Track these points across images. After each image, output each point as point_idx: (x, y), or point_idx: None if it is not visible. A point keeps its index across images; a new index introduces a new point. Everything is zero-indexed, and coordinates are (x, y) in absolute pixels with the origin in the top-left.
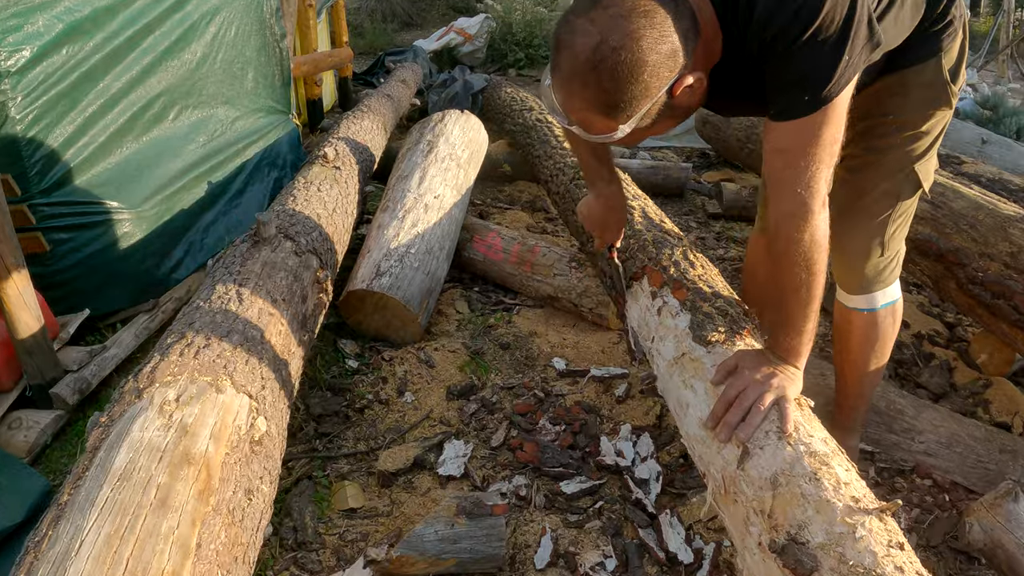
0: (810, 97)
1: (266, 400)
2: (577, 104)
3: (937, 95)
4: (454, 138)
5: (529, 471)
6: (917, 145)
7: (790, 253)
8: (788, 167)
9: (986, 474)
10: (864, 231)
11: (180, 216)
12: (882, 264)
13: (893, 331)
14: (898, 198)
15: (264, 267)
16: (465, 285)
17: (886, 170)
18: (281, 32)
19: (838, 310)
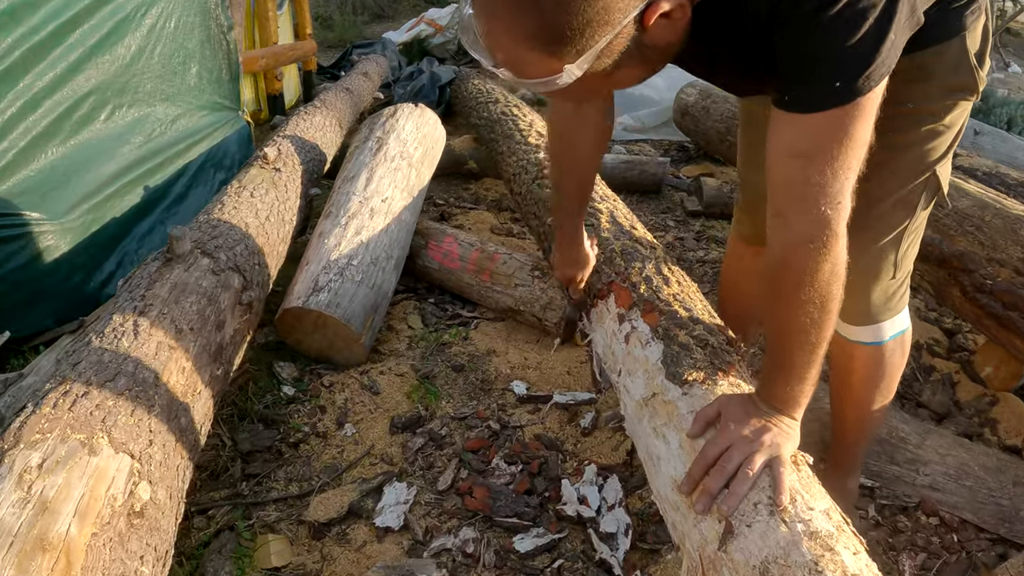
0: (844, 84)
1: (153, 459)
2: (505, 35)
3: (962, 81)
4: (406, 135)
5: (479, 521)
6: (939, 142)
7: (802, 287)
8: (810, 178)
9: (999, 510)
10: (875, 249)
11: (112, 225)
12: (892, 288)
13: (901, 364)
14: (915, 207)
15: (173, 290)
16: (420, 296)
17: (903, 173)
18: (228, 23)
19: (837, 343)
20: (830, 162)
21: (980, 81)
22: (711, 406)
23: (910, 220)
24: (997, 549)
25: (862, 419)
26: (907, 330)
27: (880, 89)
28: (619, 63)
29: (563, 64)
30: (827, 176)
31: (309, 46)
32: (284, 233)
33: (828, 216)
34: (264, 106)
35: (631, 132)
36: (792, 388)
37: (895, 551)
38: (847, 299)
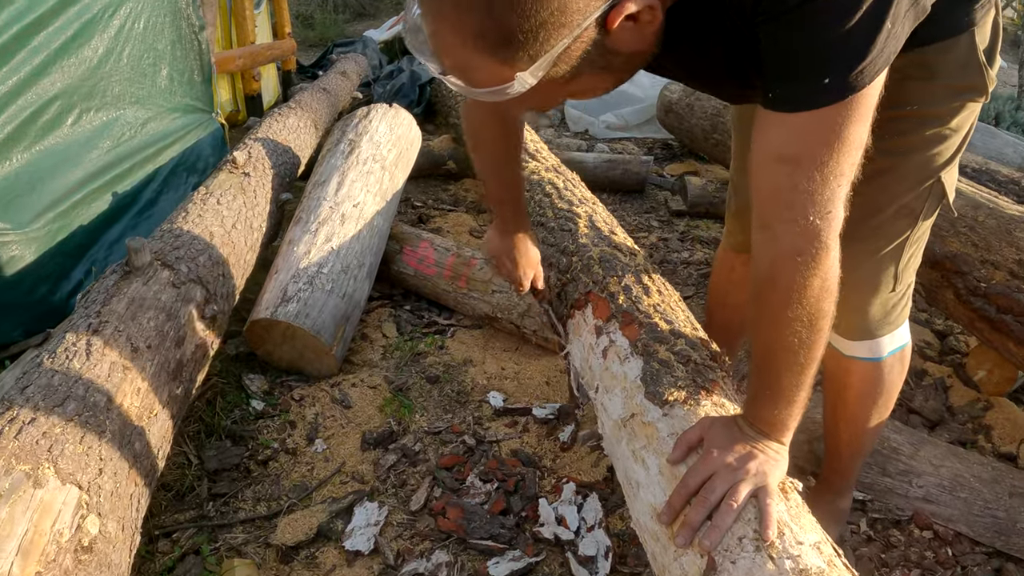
0: (834, 80)
1: (103, 490)
2: (451, 38)
3: (970, 81)
4: (379, 136)
5: (453, 543)
6: (944, 147)
7: (790, 304)
8: (797, 184)
9: (995, 523)
10: (874, 260)
11: (79, 233)
12: (892, 301)
13: (900, 380)
14: (919, 217)
15: (130, 305)
16: (395, 303)
17: (907, 180)
18: (200, 23)
19: (832, 357)
20: (820, 167)
21: (990, 81)
22: (693, 430)
23: (912, 230)
24: (993, 563)
25: (857, 437)
26: (907, 345)
27: (876, 86)
28: (579, 70)
29: (515, 71)
30: (816, 182)
31: (288, 45)
32: (252, 241)
33: (817, 227)
34: (242, 107)
35: (614, 130)
36: (779, 411)
37: (888, 567)
38: (844, 313)
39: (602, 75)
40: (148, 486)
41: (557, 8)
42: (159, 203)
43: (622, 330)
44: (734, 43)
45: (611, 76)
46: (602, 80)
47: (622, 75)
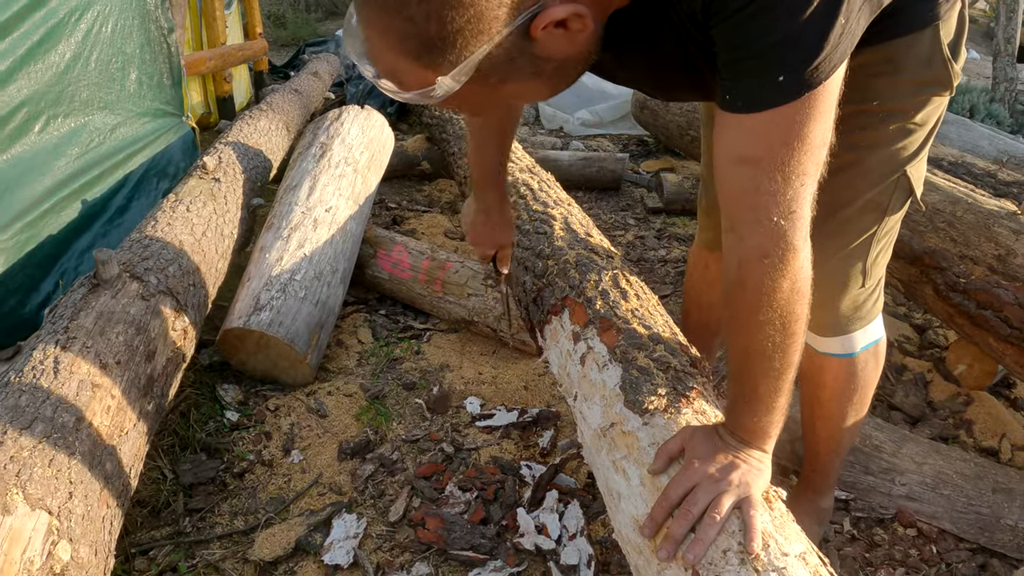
0: (788, 78)
1: (74, 514)
2: (379, 43)
3: (935, 75)
4: (351, 139)
5: (433, 554)
6: (909, 141)
7: (760, 307)
8: (759, 186)
9: (978, 519)
10: (841, 256)
11: (49, 243)
12: (863, 296)
13: (875, 376)
14: (886, 211)
15: (98, 320)
16: (370, 308)
17: (871, 174)
18: (169, 25)
19: (806, 356)
20: (781, 167)
21: (955, 75)
22: (674, 440)
23: (879, 225)
24: (977, 559)
25: (835, 435)
26: (881, 340)
27: (835, 82)
28: (506, 77)
29: (436, 75)
30: (778, 183)
31: (259, 46)
32: (224, 248)
33: (783, 228)
34: (214, 109)
35: (589, 127)
36: (759, 419)
37: (872, 566)
38: (814, 309)
39: (535, 80)
40: (121, 507)
41: (474, 16)
42: (130, 210)
43: (600, 336)
44: (689, 48)
45: (546, 81)
46: (537, 85)
47: (558, 81)
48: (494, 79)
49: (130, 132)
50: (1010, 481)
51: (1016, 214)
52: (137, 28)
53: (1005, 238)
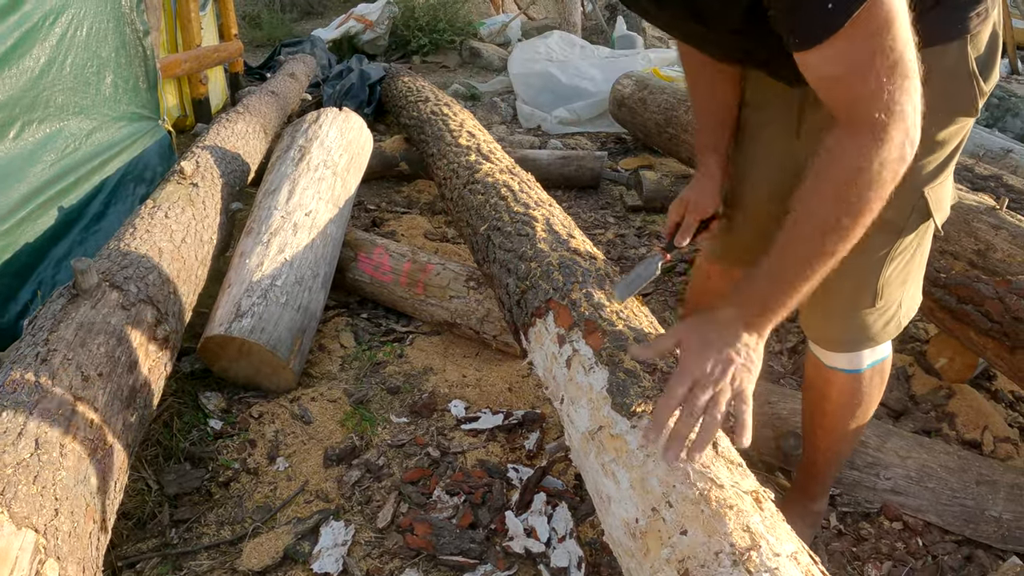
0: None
1: (60, 531)
2: None
3: (960, 92)
4: (330, 141)
5: (423, 560)
6: (928, 161)
7: (842, 182)
8: (851, 94)
9: (963, 511)
10: (850, 274)
11: (25, 251)
12: (872, 318)
13: (879, 393)
14: (900, 232)
15: (79, 332)
16: (352, 311)
17: None
18: (144, 28)
19: (812, 364)
20: (871, 77)
21: (981, 95)
22: (668, 337)
23: (893, 246)
24: (963, 551)
25: (834, 446)
26: (888, 357)
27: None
28: None
29: None
30: (871, 88)
31: (235, 47)
32: (203, 255)
33: (883, 121)
34: (190, 112)
35: (567, 125)
36: (776, 296)
37: (860, 561)
38: (823, 323)
39: None
40: (107, 521)
41: None
42: (107, 216)
43: (585, 339)
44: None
45: None
46: None
47: None
48: None
49: (106, 137)
50: (993, 473)
51: (995, 209)
52: (112, 31)
53: (985, 233)
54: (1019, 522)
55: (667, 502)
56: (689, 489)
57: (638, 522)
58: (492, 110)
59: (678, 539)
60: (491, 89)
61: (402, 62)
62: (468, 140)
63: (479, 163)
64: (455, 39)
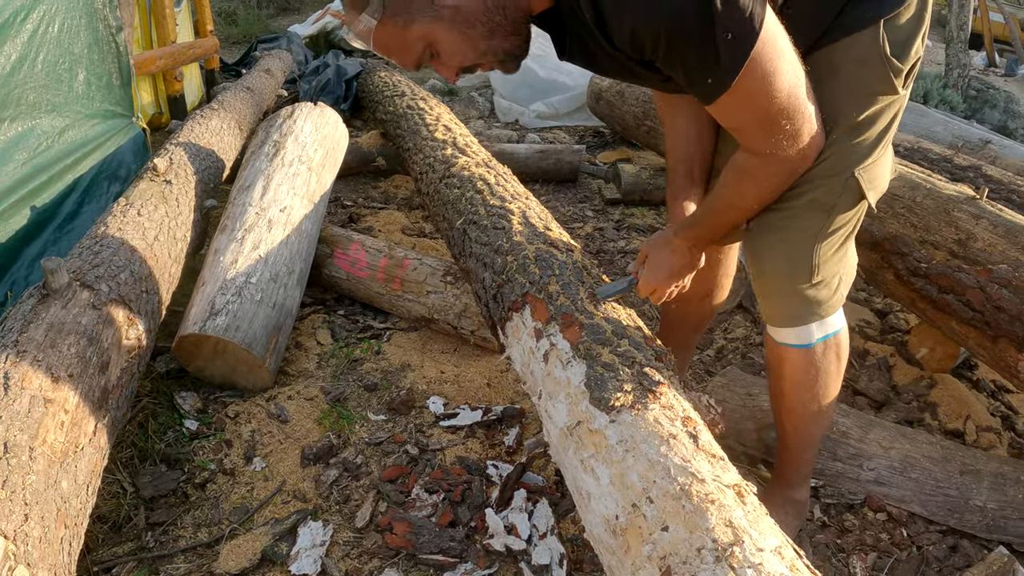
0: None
1: (30, 538)
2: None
3: (874, 75)
4: (305, 137)
5: (402, 559)
6: (856, 142)
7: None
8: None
9: (947, 501)
10: (786, 250)
11: None
12: (813, 292)
13: (838, 367)
14: (831, 211)
15: (49, 332)
16: (329, 308)
17: (815, 176)
18: (117, 24)
19: (768, 344)
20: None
21: (897, 75)
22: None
23: (825, 224)
24: (948, 541)
25: (800, 427)
26: (840, 332)
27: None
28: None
29: (359, 13)
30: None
31: (210, 43)
32: (176, 252)
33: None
34: (165, 109)
35: (544, 119)
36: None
37: (845, 552)
38: (767, 300)
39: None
40: (79, 526)
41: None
42: (80, 215)
43: (563, 332)
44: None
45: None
46: (444, 32)
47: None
48: (400, 19)
49: (79, 135)
50: (976, 462)
51: (975, 199)
52: (85, 27)
53: (965, 223)
54: (1003, 511)
55: (647, 498)
56: (670, 484)
57: (618, 519)
58: (470, 105)
59: (659, 535)
60: (468, 84)
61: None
62: (444, 134)
63: (455, 157)
64: None
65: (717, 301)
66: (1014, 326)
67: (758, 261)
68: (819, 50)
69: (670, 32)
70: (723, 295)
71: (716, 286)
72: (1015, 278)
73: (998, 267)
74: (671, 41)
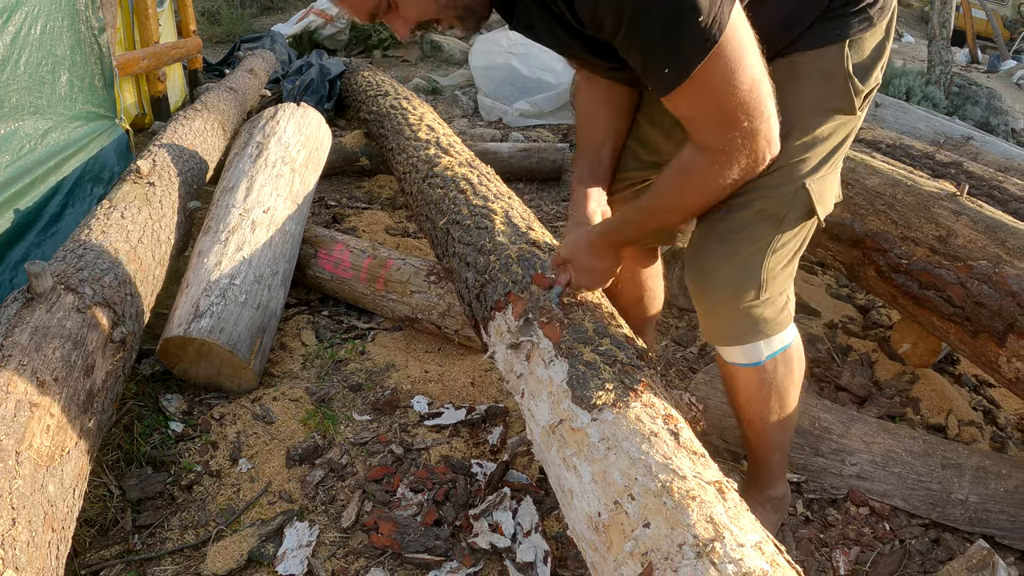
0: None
1: (18, 542)
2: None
3: (836, 91)
4: (288, 137)
5: (388, 559)
6: (809, 155)
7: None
8: (701, 130)
9: (929, 495)
10: (733, 263)
11: None
12: (759, 311)
13: (793, 379)
14: (781, 223)
15: (33, 336)
16: (313, 309)
17: (765, 185)
18: (100, 24)
19: (718, 359)
20: (716, 116)
21: (857, 96)
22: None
23: (774, 238)
24: (930, 534)
25: (762, 436)
26: (791, 345)
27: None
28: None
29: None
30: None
31: (193, 43)
32: (160, 255)
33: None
34: (148, 110)
35: (528, 118)
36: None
37: (827, 547)
38: (708, 318)
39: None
40: (67, 529)
41: None
42: (64, 218)
43: (544, 332)
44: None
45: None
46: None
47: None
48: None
49: (62, 137)
50: (958, 456)
51: (955, 195)
52: (67, 29)
53: (945, 219)
54: (985, 504)
55: (629, 495)
56: (651, 481)
57: (600, 516)
58: (453, 103)
59: (641, 532)
60: (452, 83)
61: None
62: (427, 134)
63: (438, 157)
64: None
65: (652, 305)
66: (994, 321)
67: (703, 276)
68: (783, 57)
69: (636, 9)
70: (657, 299)
71: (645, 289)
72: (995, 274)
73: (978, 263)
74: (635, 20)
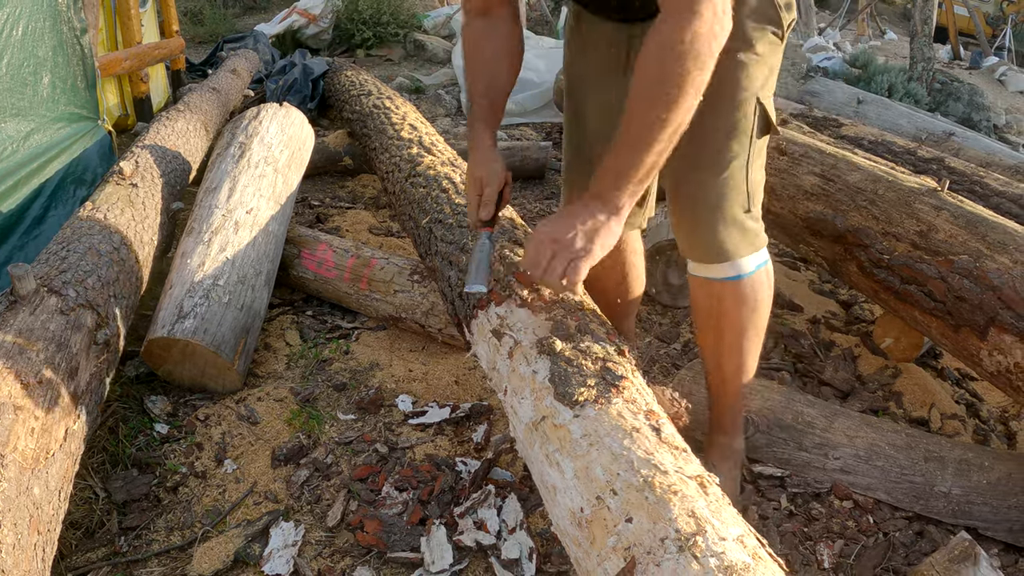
0: None
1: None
2: None
3: (763, 10)
4: (270, 137)
5: (374, 557)
6: (756, 71)
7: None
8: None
9: (912, 488)
10: (720, 181)
11: None
12: (751, 223)
13: (768, 297)
14: (750, 136)
15: (17, 339)
16: (297, 309)
17: (726, 102)
18: (82, 25)
19: (703, 293)
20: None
21: (783, 17)
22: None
23: (751, 149)
24: (914, 527)
25: (741, 366)
26: (768, 262)
27: None
28: None
29: None
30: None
31: (176, 44)
32: (144, 256)
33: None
34: (131, 111)
35: (511, 116)
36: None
37: (812, 540)
38: (702, 239)
39: None
40: (52, 532)
41: None
42: (47, 220)
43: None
44: None
45: None
46: None
47: None
48: None
49: (44, 139)
50: (941, 449)
51: (936, 191)
52: (49, 30)
53: (926, 214)
54: (968, 497)
55: (612, 490)
56: (633, 476)
57: (583, 511)
58: (437, 102)
59: (623, 527)
60: (436, 82)
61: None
62: (410, 133)
63: (421, 156)
64: (399, 32)
65: (635, 287)
66: (975, 315)
67: (694, 201)
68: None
69: None
70: (640, 278)
71: (629, 267)
72: (976, 268)
73: (959, 258)
74: None
